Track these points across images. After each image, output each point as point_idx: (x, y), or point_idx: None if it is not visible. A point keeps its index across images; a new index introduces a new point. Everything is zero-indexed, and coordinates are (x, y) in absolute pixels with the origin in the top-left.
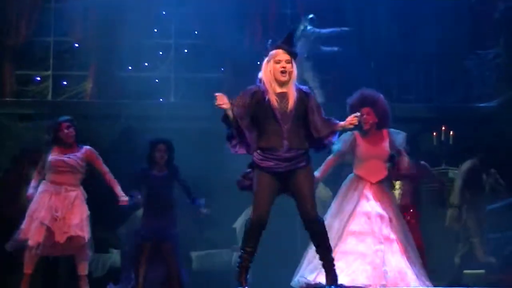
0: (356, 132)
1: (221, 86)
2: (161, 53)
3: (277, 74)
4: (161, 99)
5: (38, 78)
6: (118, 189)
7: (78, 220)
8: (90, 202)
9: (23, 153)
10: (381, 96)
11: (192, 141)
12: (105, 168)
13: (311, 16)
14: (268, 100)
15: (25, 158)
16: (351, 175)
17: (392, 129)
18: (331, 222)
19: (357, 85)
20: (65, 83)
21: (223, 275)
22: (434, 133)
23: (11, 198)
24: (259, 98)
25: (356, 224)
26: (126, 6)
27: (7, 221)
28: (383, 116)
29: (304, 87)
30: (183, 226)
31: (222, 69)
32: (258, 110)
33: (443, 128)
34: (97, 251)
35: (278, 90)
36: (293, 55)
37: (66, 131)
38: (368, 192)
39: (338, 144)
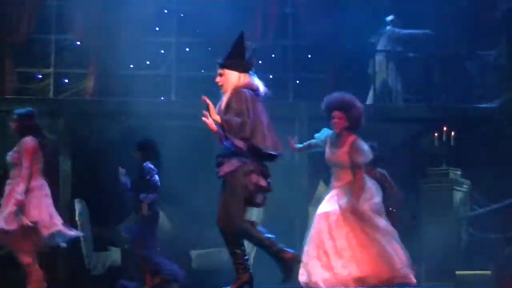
0: (332, 134)
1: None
2: (162, 51)
3: None
4: (162, 98)
5: (40, 76)
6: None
7: (5, 214)
8: (89, 201)
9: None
10: (357, 102)
11: (192, 139)
12: (25, 164)
13: (391, 17)
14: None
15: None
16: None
17: (358, 140)
18: None
19: (357, 85)
20: (66, 81)
21: (223, 274)
22: (436, 134)
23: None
24: None
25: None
26: (127, 4)
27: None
28: (354, 122)
29: (237, 90)
30: (182, 225)
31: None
32: None
33: (444, 128)
34: (96, 249)
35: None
36: (223, 66)
37: (11, 124)
38: (333, 195)
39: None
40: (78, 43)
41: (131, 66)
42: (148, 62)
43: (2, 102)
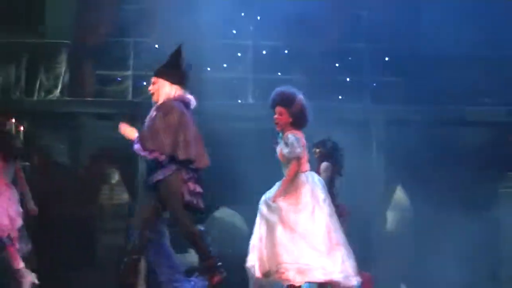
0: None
1: (299, 87)
2: (239, 54)
3: None
4: (239, 100)
5: (119, 79)
6: None
7: None
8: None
9: (103, 152)
10: (299, 95)
11: (270, 141)
12: None
13: None
14: None
15: (104, 157)
16: None
17: (290, 134)
18: None
19: (433, 88)
20: (144, 83)
21: None
22: None
23: (90, 195)
24: None
25: None
26: (204, 7)
27: (87, 218)
28: (298, 117)
29: (163, 104)
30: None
31: (300, 70)
32: None
33: None
34: (177, 251)
35: None
36: (159, 74)
37: None
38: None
39: None
40: (156, 46)
41: (208, 68)
42: (225, 65)
43: (82, 104)
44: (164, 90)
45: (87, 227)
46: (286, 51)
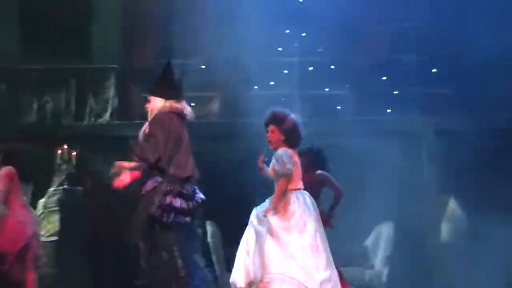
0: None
1: (346, 102)
2: (285, 71)
3: None
4: None
5: None
6: None
7: None
8: (220, 222)
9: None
10: (291, 115)
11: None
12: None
13: None
14: None
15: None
16: None
17: (281, 151)
18: None
19: (481, 98)
20: (193, 104)
21: None
22: None
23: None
24: None
25: None
26: (249, 26)
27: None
28: (290, 135)
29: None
30: None
31: (347, 86)
32: None
33: None
34: (230, 270)
35: None
36: (151, 92)
37: None
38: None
39: None
40: (203, 66)
41: (255, 87)
42: (272, 82)
43: (131, 127)
44: (156, 106)
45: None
46: (332, 67)
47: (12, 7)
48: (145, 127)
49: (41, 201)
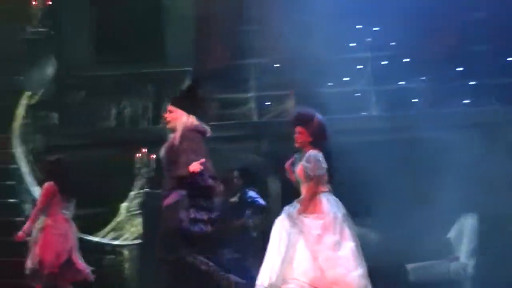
0: (295, 155)
1: (421, 96)
2: (359, 66)
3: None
4: (362, 113)
5: (242, 100)
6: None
7: None
8: None
9: (230, 174)
10: (318, 115)
11: (396, 153)
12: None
13: None
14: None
15: (232, 179)
16: None
17: (312, 152)
18: None
19: None
20: (268, 103)
21: (440, 286)
22: None
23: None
24: None
25: None
26: (321, 23)
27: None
28: (317, 136)
29: (185, 133)
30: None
31: (422, 78)
32: None
33: None
34: None
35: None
36: (177, 104)
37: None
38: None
39: None
40: (277, 65)
41: (330, 83)
42: (346, 79)
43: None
44: (182, 120)
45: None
46: (406, 60)
47: (86, 15)
48: (175, 141)
49: (124, 205)
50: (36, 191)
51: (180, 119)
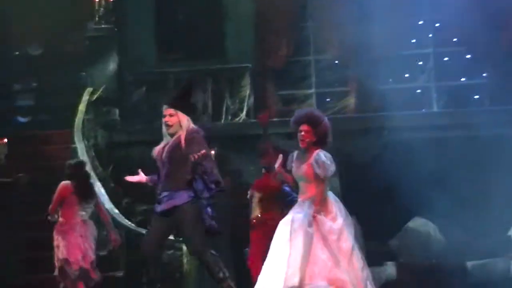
0: (296, 151)
1: (483, 92)
2: (420, 63)
3: (164, 127)
4: (423, 109)
5: (302, 97)
6: None
7: None
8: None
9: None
10: (326, 118)
11: (456, 150)
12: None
13: None
14: (160, 148)
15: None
16: None
17: (321, 152)
18: None
19: None
20: (328, 99)
21: (501, 284)
22: None
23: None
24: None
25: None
26: (381, 19)
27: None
28: (322, 138)
29: (191, 134)
30: (455, 236)
31: (484, 74)
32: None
33: None
34: (371, 264)
35: (165, 141)
36: (178, 107)
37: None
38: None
39: None
40: (336, 62)
41: (390, 80)
42: (407, 75)
43: (269, 125)
44: (184, 123)
45: None
46: (468, 56)
47: (149, 12)
48: (180, 144)
49: None
50: (97, 186)
51: (182, 122)
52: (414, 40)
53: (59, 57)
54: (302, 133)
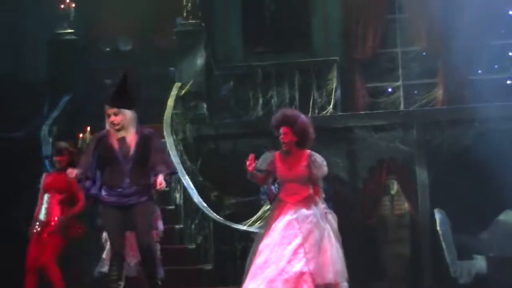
0: (276, 153)
1: None
2: (510, 53)
3: (110, 126)
4: None
5: (390, 89)
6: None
7: None
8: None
9: (380, 163)
10: (302, 116)
11: None
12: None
13: None
14: (111, 144)
15: (382, 168)
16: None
17: (314, 153)
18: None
19: None
20: (416, 92)
21: None
22: None
23: (371, 207)
24: (104, 142)
25: (268, 238)
26: (470, 9)
27: (369, 229)
28: (302, 136)
29: (147, 131)
30: None
31: None
32: (103, 153)
33: None
34: (461, 258)
35: (118, 136)
36: (120, 105)
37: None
38: (287, 211)
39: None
40: (424, 53)
41: (479, 71)
42: (496, 66)
43: (355, 118)
44: (130, 117)
45: (369, 238)
46: None
47: (236, 6)
48: (152, 140)
49: None
50: (186, 180)
51: (128, 117)
52: (503, 31)
53: (148, 52)
54: (282, 135)
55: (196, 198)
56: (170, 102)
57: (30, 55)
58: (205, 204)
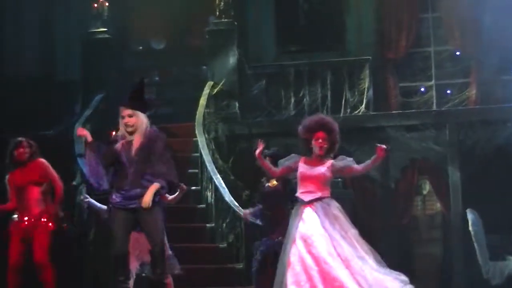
0: (303, 157)
1: None
2: None
3: (123, 127)
4: None
5: (422, 89)
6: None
7: None
8: (481, 210)
9: (412, 163)
10: (337, 125)
11: None
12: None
13: None
14: (117, 146)
15: (414, 168)
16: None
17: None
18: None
19: None
20: (448, 91)
21: None
22: None
23: (403, 207)
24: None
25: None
26: (503, 8)
27: (401, 229)
28: (334, 145)
29: (152, 134)
30: None
31: None
32: (109, 155)
33: None
34: (493, 258)
35: (129, 139)
36: (136, 107)
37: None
38: (304, 213)
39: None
40: (458, 53)
41: None
42: None
43: (388, 118)
44: (143, 120)
45: (402, 238)
46: None
47: (269, 5)
48: (158, 143)
49: None
50: (218, 179)
51: (142, 120)
52: None
53: (181, 51)
54: (319, 140)
55: (228, 197)
56: (202, 101)
57: (63, 54)
58: (236, 203)
